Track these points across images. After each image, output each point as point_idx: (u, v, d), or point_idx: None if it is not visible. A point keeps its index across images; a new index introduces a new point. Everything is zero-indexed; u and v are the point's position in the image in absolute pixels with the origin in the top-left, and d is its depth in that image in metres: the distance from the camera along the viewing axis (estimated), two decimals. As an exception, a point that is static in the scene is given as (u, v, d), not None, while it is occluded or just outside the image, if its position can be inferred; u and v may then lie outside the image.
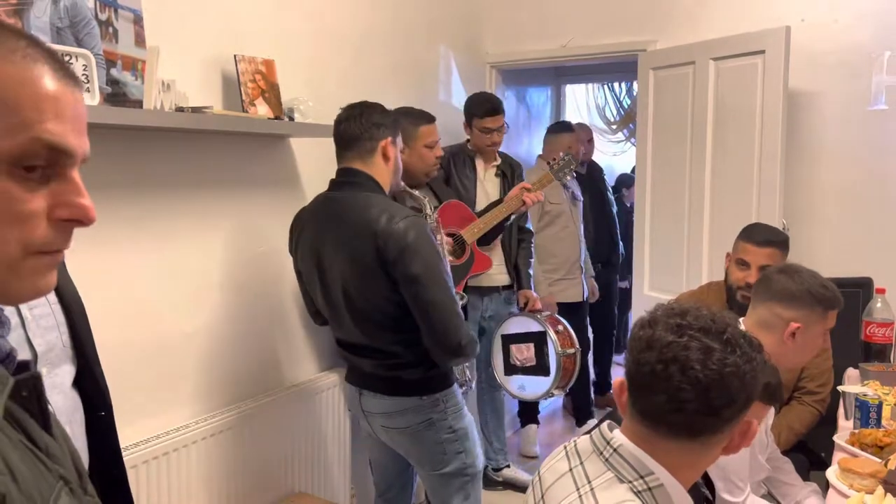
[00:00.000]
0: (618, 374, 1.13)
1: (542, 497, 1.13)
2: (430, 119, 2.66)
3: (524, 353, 3.08)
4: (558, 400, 4.54)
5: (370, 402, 2.11)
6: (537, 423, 3.96)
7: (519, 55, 3.78)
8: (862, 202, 2.99)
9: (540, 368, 3.06)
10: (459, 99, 3.65)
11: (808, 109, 3.05)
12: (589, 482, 1.06)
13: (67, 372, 1.17)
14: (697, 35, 3.18)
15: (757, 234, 2.28)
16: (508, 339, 3.12)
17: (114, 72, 1.82)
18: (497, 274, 3.20)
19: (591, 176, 4.40)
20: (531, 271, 3.32)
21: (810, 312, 1.70)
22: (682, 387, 0.97)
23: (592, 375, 4.50)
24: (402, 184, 2.24)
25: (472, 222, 2.86)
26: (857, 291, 2.77)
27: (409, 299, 1.94)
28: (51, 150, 0.62)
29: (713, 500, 1.39)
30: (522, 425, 3.95)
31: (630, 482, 1.03)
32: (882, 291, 2.46)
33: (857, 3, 2.94)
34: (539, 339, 3.03)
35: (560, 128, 3.97)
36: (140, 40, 1.90)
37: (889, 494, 1.50)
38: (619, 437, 1.08)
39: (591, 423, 4.06)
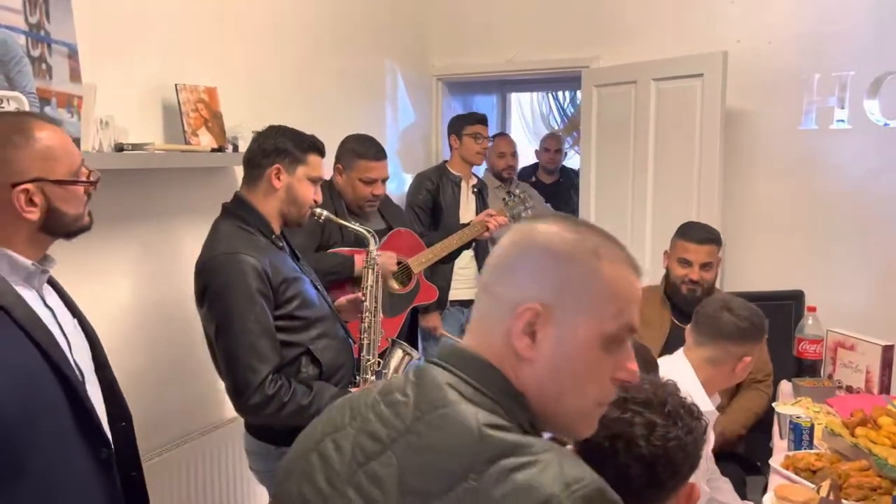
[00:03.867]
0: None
1: None
2: (374, 156, 2.48)
3: None
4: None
5: None
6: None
7: (465, 68, 3.79)
8: (794, 217, 3.11)
9: None
10: (407, 114, 3.64)
11: (744, 127, 3.15)
12: None
13: (98, 389, 1.36)
14: (639, 52, 3.25)
15: (695, 233, 2.47)
16: None
17: (48, 110, 1.76)
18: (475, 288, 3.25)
19: (562, 183, 4.48)
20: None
21: (756, 343, 1.88)
22: (629, 463, 1.01)
23: None
24: (326, 214, 1.99)
25: (421, 252, 2.76)
26: (790, 304, 2.89)
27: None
28: None
29: None
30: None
31: None
32: (813, 309, 2.57)
33: (789, 27, 3.04)
34: None
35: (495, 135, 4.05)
36: (75, 75, 1.84)
37: (820, 522, 1.57)
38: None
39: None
